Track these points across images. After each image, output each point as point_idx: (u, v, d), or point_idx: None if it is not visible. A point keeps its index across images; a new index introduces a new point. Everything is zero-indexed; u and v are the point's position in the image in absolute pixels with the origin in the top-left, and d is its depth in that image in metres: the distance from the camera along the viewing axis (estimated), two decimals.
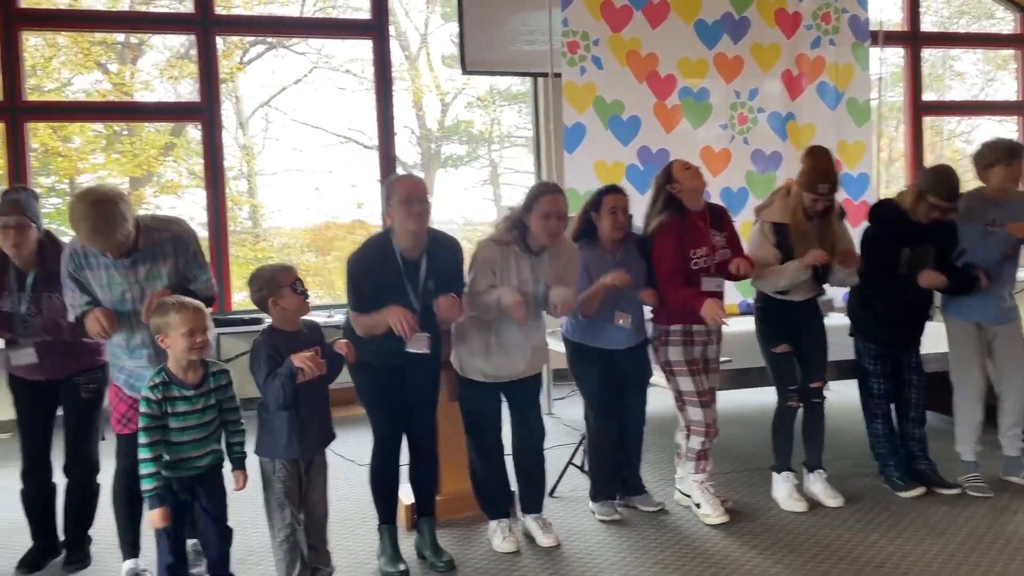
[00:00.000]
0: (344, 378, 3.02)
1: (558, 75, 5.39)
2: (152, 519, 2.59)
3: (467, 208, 10.74)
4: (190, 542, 2.92)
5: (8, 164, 6.03)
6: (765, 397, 3.92)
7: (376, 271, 3.04)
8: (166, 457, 2.63)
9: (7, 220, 3.18)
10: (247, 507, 2.96)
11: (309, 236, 10.56)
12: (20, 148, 6.02)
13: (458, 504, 3.73)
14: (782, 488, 3.77)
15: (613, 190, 3.63)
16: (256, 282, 2.79)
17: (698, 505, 3.65)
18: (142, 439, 2.59)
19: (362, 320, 3.05)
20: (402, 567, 3.14)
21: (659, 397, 4.08)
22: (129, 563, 3.05)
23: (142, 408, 2.60)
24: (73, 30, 7.18)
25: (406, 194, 2.99)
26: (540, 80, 6.78)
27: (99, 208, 2.71)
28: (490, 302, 3.18)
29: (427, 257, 3.09)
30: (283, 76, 9.98)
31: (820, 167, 3.58)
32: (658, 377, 3.81)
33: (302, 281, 2.81)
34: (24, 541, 3.43)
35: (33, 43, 7.21)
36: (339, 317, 6.23)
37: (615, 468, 3.77)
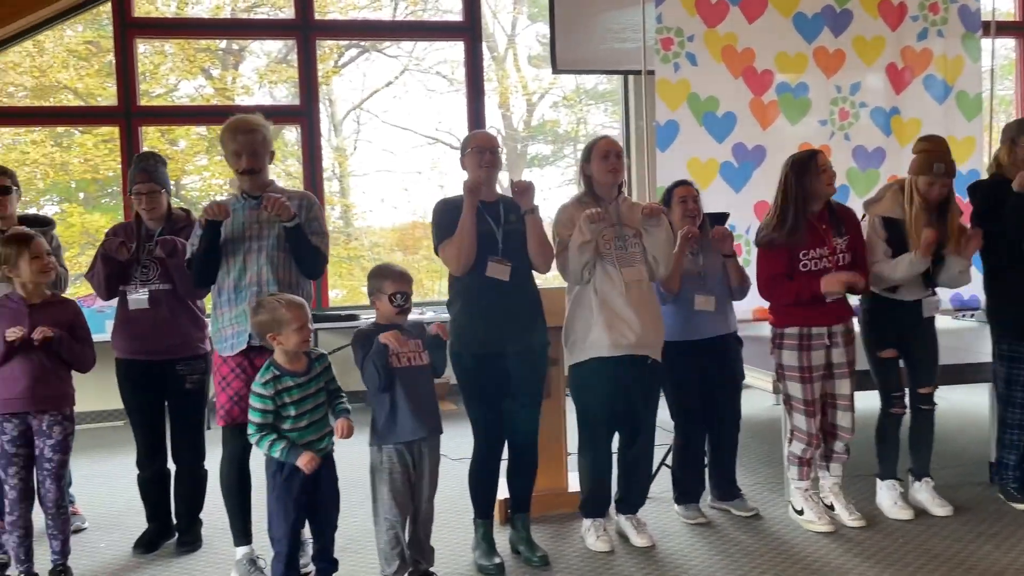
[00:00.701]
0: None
1: (651, 72, 5.35)
2: (304, 464, 2.68)
3: (552, 208, 10.77)
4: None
5: (124, 166, 6.37)
6: (869, 402, 3.79)
7: (458, 208, 3.11)
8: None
9: (139, 187, 3.45)
10: (346, 495, 3.03)
11: (397, 235, 10.78)
12: (134, 151, 6.35)
13: (551, 501, 3.74)
14: (887, 496, 3.64)
15: (681, 183, 3.71)
16: (369, 277, 2.92)
17: (800, 512, 3.56)
18: (255, 433, 2.72)
19: (446, 245, 3.11)
20: (497, 560, 3.17)
21: (759, 400, 4.01)
22: (243, 548, 3.16)
23: (255, 403, 2.71)
24: (183, 37, 7.52)
25: (479, 144, 3.16)
26: (631, 78, 6.74)
27: (246, 118, 3.09)
28: (578, 239, 3.20)
29: (503, 201, 3.22)
30: (374, 79, 10.25)
31: (936, 149, 3.45)
32: (765, 379, 3.74)
33: (406, 294, 2.87)
34: (141, 522, 3.63)
35: (142, 51, 7.58)
36: (430, 314, 6.34)
37: (699, 472, 3.72)
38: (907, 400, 3.66)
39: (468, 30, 6.71)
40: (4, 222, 3.49)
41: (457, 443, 4.28)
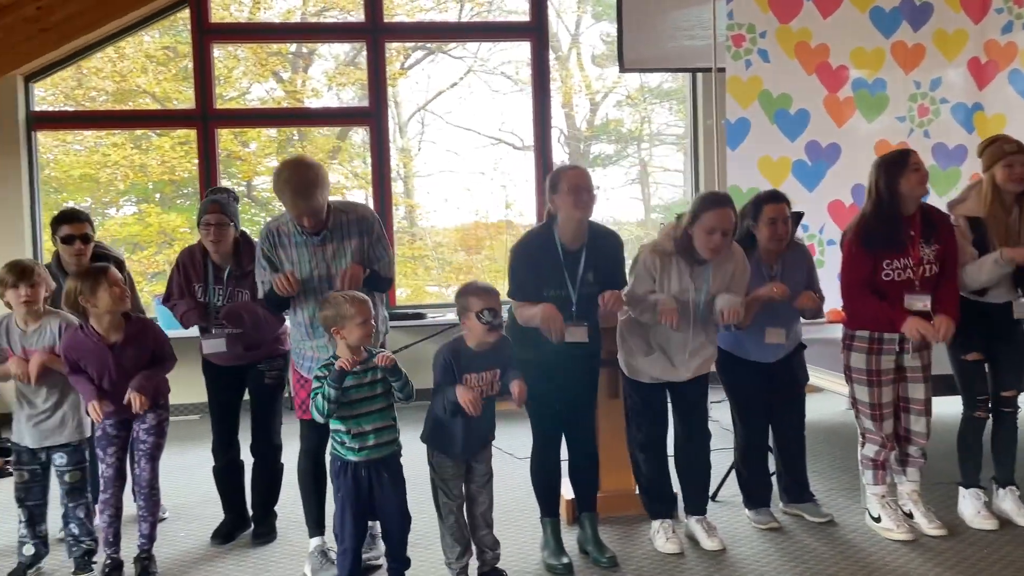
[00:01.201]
0: None
1: (721, 70, 5.27)
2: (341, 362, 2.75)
3: (615, 207, 10.70)
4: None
5: (200, 168, 6.57)
6: (951, 408, 3.67)
7: (537, 260, 3.11)
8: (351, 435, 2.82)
9: (208, 218, 3.49)
10: (412, 492, 3.07)
11: (459, 235, 10.87)
12: (211, 153, 6.55)
13: (619, 502, 3.72)
14: (970, 505, 3.52)
15: (774, 198, 3.49)
16: (456, 297, 2.94)
17: (877, 519, 3.46)
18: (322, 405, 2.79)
19: (521, 310, 3.11)
20: (565, 560, 3.16)
21: (832, 404, 3.92)
22: (316, 540, 3.23)
23: (317, 386, 2.80)
24: (257, 41, 7.72)
25: (574, 184, 3.05)
26: (699, 76, 6.65)
27: (302, 171, 2.96)
28: (646, 307, 3.19)
29: (587, 249, 3.13)
30: (439, 80, 10.35)
31: (1006, 138, 3.37)
32: (839, 382, 3.66)
33: (494, 311, 2.84)
34: (218, 513, 3.74)
35: (216, 55, 7.80)
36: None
37: (764, 475, 3.66)
38: (990, 405, 3.53)
39: (535, 30, 6.72)
40: (79, 263, 3.56)
41: (522, 442, 4.29)
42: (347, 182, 9.59)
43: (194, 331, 3.67)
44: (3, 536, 3.70)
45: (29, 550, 3.24)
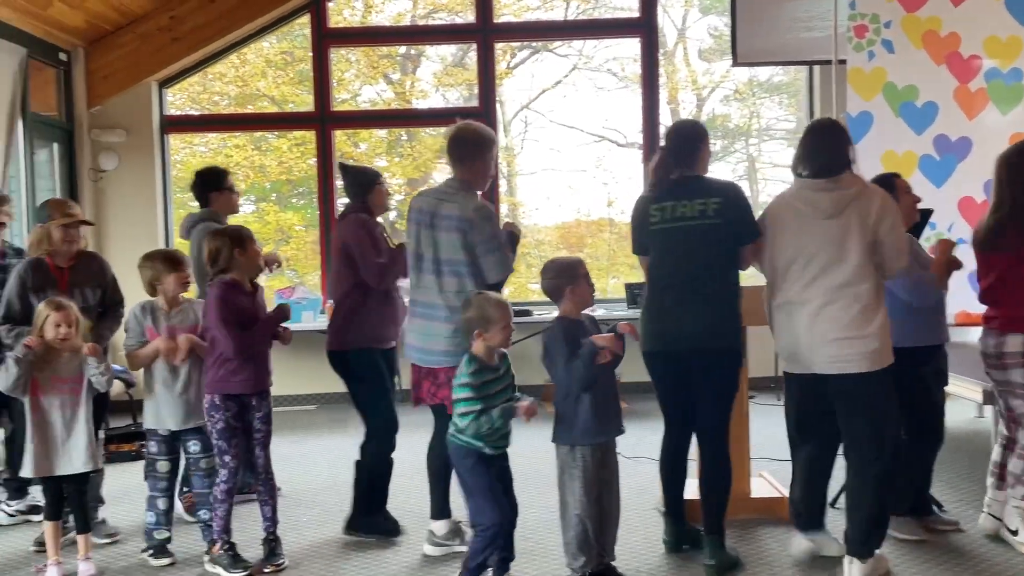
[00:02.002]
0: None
1: (842, 62, 5.10)
2: (525, 408, 2.78)
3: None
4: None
5: (318, 168, 6.83)
6: None
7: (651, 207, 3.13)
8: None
9: None
10: (524, 489, 3.10)
11: (560, 233, 10.88)
12: (328, 153, 6.80)
13: (732, 505, 3.60)
14: None
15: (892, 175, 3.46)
16: (551, 271, 2.95)
17: (1015, 532, 3.28)
18: (471, 421, 2.79)
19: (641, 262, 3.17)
20: (686, 546, 3.22)
21: (961, 411, 3.72)
22: (439, 523, 3.34)
23: (465, 394, 2.79)
24: (373, 44, 7.95)
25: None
26: (816, 69, 6.45)
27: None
28: None
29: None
30: (542, 79, 10.40)
31: None
32: (971, 388, 3.48)
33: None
34: (338, 501, 3.90)
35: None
36: (600, 312, 6.36)
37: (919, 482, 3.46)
38: None
39: (644, 26, 6.67)
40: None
41: (632, 443, 4.28)
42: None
43: (312, 324, 3.81)
44: (133, 518, 3.93)
45: (162, 534, 3.46)
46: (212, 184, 4.15)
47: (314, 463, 4.85)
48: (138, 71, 6.47)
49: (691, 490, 3.35)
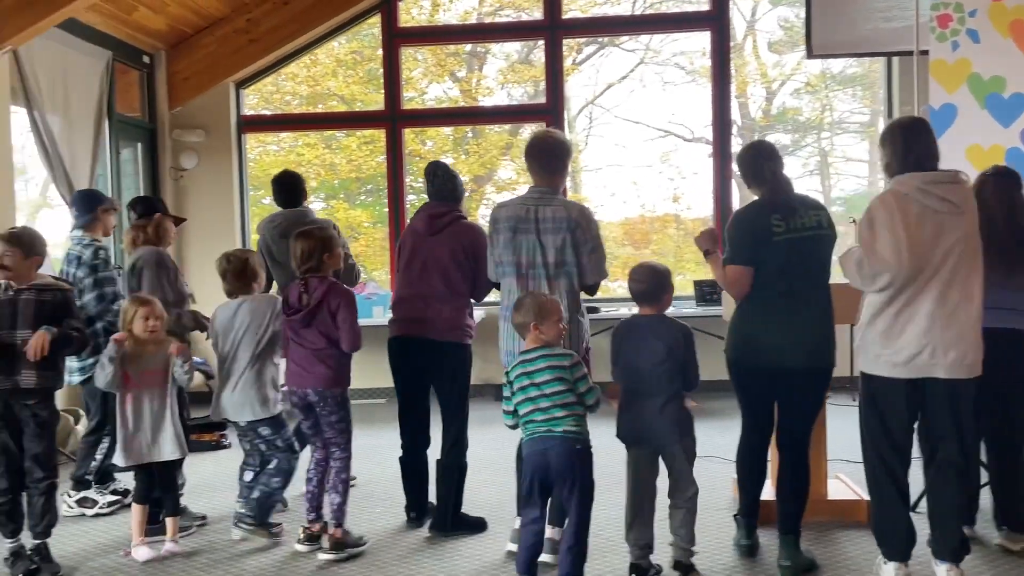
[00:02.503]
0: None
1: (924, 52, 4.93)
2: None
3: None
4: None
5: (388, 166, 6.94)
6: None
7: (753, 231, 3.06)
8: None
9: None
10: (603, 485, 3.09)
11: (624, 229, 10.81)
12: (398, 151, 6.90)
13: (808, 507, 3.55)
14: None
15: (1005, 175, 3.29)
16: (655, 277, 3.03)
17: None
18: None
19: (730, 273, 3.06)
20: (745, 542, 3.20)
21: None
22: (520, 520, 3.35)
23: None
24: (442, 43, 8.02)
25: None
26: (894, 60, 6.26)
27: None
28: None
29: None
30: (607, 74, 10.34)
31: None
32: None
33: None
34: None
35: None
36: (669, 309, 6.29)
37: None
38: None
39: (715, 19, 6.58)
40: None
41: (701, 442, 4.23)
42: (519, 177, 9.80)
43: (382, 319, 3.90)
44: (213, 505, 4.07)
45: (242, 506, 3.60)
46: (303, 188, 4.39)
47: (385, 456, 4.93)
48: (216, 73, 6.67)
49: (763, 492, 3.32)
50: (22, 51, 5.01)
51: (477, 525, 3.65)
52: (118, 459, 3.43)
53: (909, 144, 2.85)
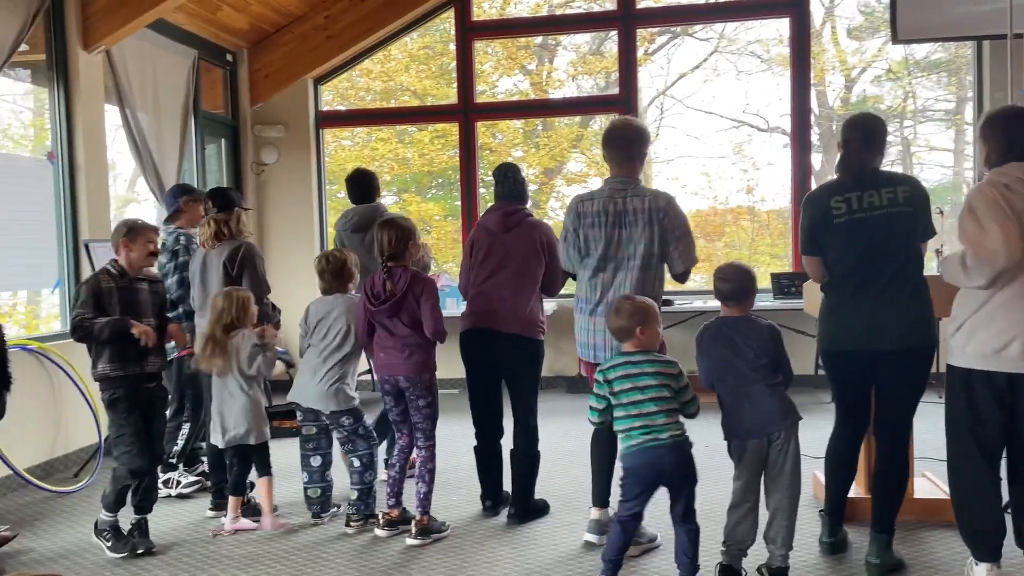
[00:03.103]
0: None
1: (1018, 36, 4.71)
2: None
3: None
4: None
5: (461, 159, 7.00)
6: None
7: (824, 214, 3.01)
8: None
9: None
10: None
11: (696, 222, 10.64)
12: (471, 145, 6.95)
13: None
14: None
15: None
16: (742, 278, 2.95)
17: None
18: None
19: (804, 262, 3.05)
20: (829, 540, 3.11)
21: None
22: (598, 511, 3.37)
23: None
24: (515, 36, 8.03)
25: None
26: (986, 44, 6.01)
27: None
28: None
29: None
30: (679, 64, 10.18)
31: None
32: None
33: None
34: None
35: None
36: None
37: None
38: None
39: (795, 5, 6.42)
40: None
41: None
42: (588, 169, 9.76)
43: (455, 311, 3.95)
44: (295, 491, 4.13)
45: (314, 492, 3.73)
46: (376, 185, 4.52)
47: (459, 445, 5.00)
48: (296, 69, 6.83)
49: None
50: (114, 51, 5.23)
51: (543, 509, 3.75)
52: (215, 440, 3.62)
53: (1011, 134, 2.73)
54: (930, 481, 3.78)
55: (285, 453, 4.40)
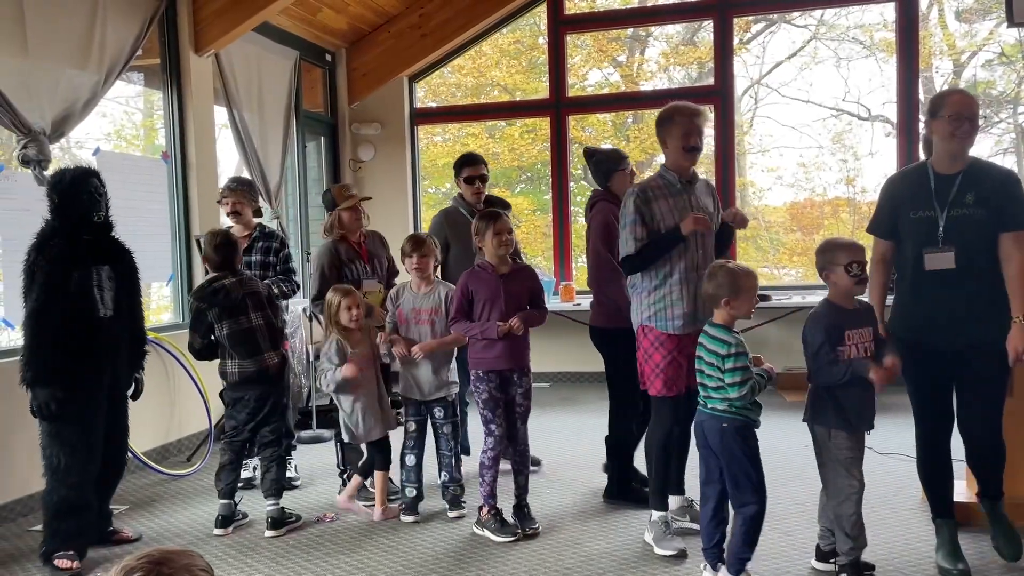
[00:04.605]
0: None
1: None
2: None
3: None
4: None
5: (552, 153, 7.00)
6: None
7: (902, 188, 2.98)
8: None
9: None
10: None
11: (791, 213, 10.33)
12: (563, 138, 6.95)
13: (1017, 511, 3.26)
14: None
15: None
16: (818, 252, 2.87)
17: None
18: (745, 389, 2.76)
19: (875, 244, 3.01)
20: (961, 566, 2.90)
21: None
22: (659, 513, 3.30)
23: (740, 363, 2.75)
24: (608, 28, 7.97)
25: (956, 110, 2.85)
26: None
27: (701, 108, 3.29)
28: None
29: (964, 175, 2.87)
30: (774, 52, 9.89)
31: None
32: None
33: (862, 264, 2.77)
34: (579, 475, 4.00)
35: None
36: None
37: None
38: None
39: None
40: (478, 201, 4.21)
41: (881, 437, 4.02)
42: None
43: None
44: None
45: (411, 492, 3.76)
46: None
47: (553, 437, 5.03)
48: (391, 68, 6.97)
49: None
50: (222, 54, 5.46)
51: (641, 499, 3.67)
52: (346, 437, 3.74)
53: None
54: None
55: None
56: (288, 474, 4.28)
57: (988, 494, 3.04)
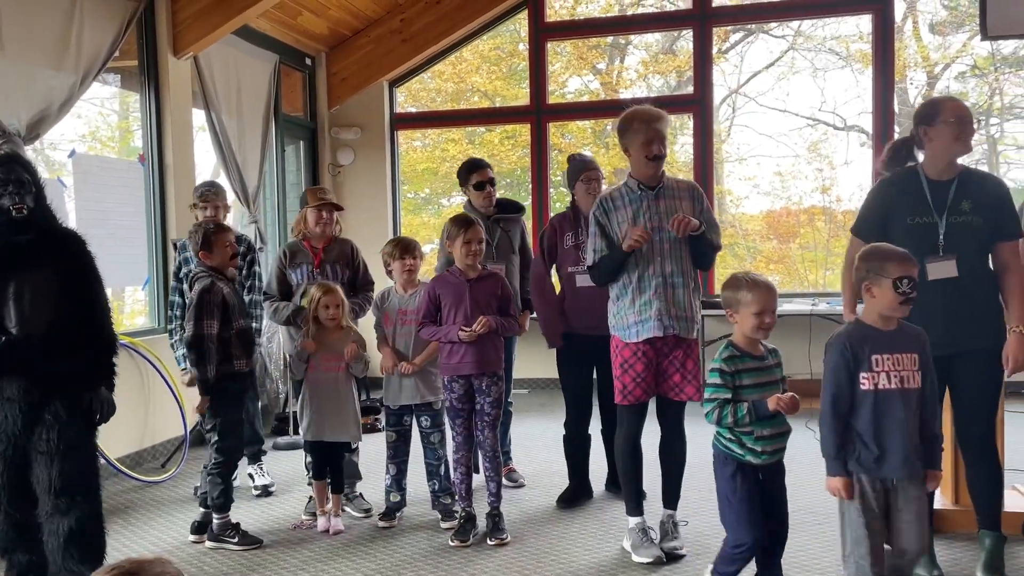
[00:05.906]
0: None
1: None
2: (775, 403, 2.49)
3: None
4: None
5: (532, 159, 7.01)
6: None
7: (894, 192, 2.95)
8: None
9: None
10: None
11: (767, 222, 10.42)
12: (543, 146, 6.96)
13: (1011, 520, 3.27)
14: None
15: None
16: (862, 259, 2.51)
17: None
18: (713, 410, 2.59)
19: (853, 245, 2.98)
20: (936, 573, 2.90)
21: None
22: (636, 519, 3.28)
23: (714, 380, 2.60)
24: (588, 36, 7.99)
25: (959, 115, 2.86)
26: None
27: (660, 112, 3.21)
28: None
29: (959, 181, 2.88)
30: (752, 62, 9.98)
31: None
32: None
33: (915, 282, 2.41)
34: (561, 481, 4.02)
35: None
36: (823, 306, 6.06)
37: None
38: None
39: (879, 1, 6.24)
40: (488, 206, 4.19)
41: None
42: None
43: None
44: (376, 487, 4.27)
45: (394, 498, 3.75)
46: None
47: (532, 444, 5.03)
48: (372, 72, 6.95)
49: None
50: (201, 57, 5.41)
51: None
52: (303, 434, 3.68)
53: None
54: (1021, 495, 3.63)
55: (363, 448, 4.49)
56: (262, 481, 4.26)
57: (985, 524, 2.94)
